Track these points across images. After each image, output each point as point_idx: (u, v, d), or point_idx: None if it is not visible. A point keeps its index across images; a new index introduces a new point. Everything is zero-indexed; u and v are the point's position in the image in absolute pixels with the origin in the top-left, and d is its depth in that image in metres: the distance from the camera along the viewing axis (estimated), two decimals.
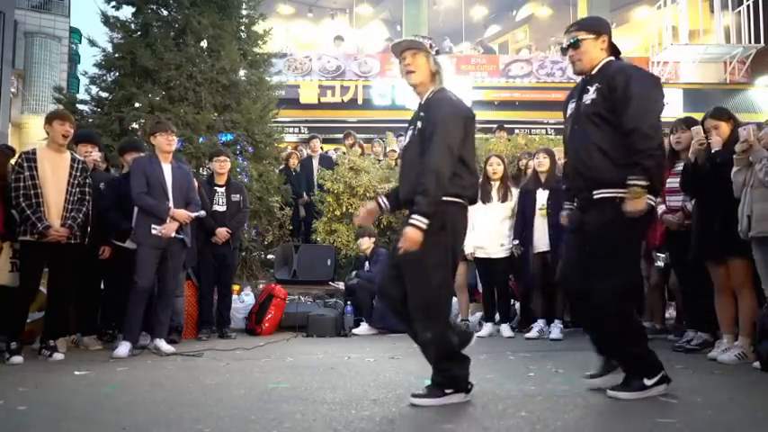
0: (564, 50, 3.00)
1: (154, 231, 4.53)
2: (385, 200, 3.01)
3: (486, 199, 5.41)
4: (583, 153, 2.87)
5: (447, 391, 2.74)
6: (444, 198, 2.67)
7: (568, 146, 3.03)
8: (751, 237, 3.67)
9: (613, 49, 2.98)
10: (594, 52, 2.92)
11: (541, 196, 5.30)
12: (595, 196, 2.82)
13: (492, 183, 5.52)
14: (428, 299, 2.71)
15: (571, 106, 3.02)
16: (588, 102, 2.86)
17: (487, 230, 5.40)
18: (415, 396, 2.75)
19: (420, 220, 2.59)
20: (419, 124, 2.80)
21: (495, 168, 5.51)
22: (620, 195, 2.73)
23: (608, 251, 2.79)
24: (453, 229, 2.75)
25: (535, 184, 5.35)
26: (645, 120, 2.71)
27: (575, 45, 2.93)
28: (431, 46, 2.85)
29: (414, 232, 2.59)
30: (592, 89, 2.87)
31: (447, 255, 2.73)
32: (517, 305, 6.06)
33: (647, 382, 2.81)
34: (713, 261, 4.02)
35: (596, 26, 2.99)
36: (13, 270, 4.42)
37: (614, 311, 2.82)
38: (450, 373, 2.77)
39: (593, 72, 2.93)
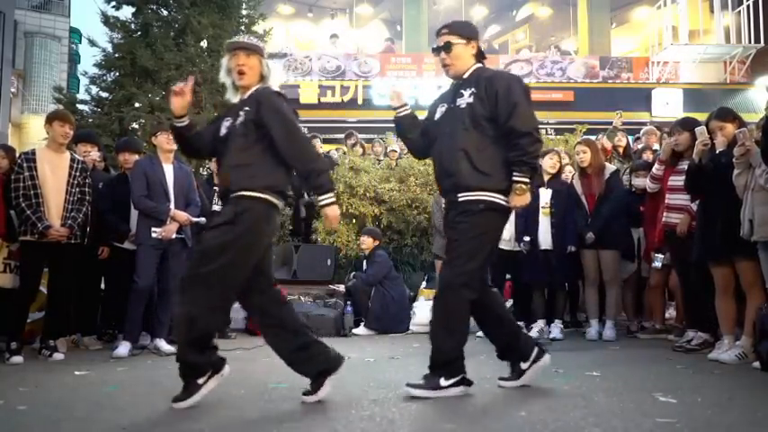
0: (435, 51, 3.03)
1: (154, 234, 4.53)
2: None
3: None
4: (450, 157, 2.92)
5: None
6: (252, 194, 2.69)
7: (436, 149, 3.06)
8: (754, 241, 3.66)
9: (481, 55, 3.04)
10: (466, 57, 2.98)
11: (545, 195, 5.31)
12: (460, 199, 2.89)
13: None
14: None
15: (441, 110, 3.05)
16: (464, 105, 2.91)
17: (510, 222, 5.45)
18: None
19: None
20: (242, 115, 2.77)
21: None
22: (480, 199, 2.85)
23: (463, 248, 2.87)
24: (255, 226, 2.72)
25: (538, 182, 5.36)
26: (533, 124, 2.85)
27: (446, 49, 2.97)
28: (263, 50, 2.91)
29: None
30: (467, 94, 2.91)
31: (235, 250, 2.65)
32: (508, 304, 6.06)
33: (443, 382, 2.83)
34: (716, 262, 4.01)
35: (467, 32, 3.03)
36: (6, 271, 4.42)
37: (454, 297, 2.86)
38: (188, 360, 2.70)
39: (465, 77, 2.98)
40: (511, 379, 3.11)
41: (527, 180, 2.83)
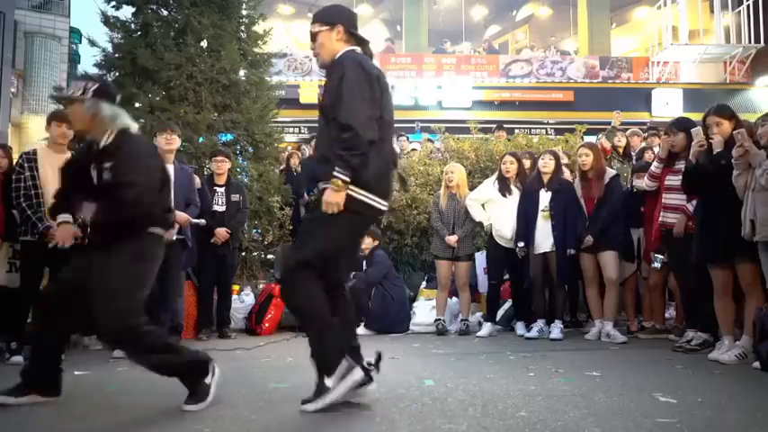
0: (312, 41, 2.92)
1: None
2: None
3: (507, 192, 5.58)
4: (321, 146, 2.85)
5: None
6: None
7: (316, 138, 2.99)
8: (756, 241, 3.66)
9: (357, 39, 2.85)
10: (331, 44, 2.81)
11: (544, 197, 5.31)
12: (320, 186, 2.75)
13: (509, 179, 5.64)
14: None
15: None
16: (323, 95, 2.80)
17: (511, 220, 5.49)
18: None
19: None
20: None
21: (509, 167, 5.63)
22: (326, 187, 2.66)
23: (308, 233, 2.77)
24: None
25: (538, 185, 5.37)
26: (356, 117, 2.60)
27: (312, 38, 2.86)
28: (84, 91, 2.82)
29: None
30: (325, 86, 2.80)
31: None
32: (507, 304, 6.06)
33: (328, 381, 2.63)
34: (715, 264, 4.01)
35: (329, 16, 2.86)
36: (11, 270, 4.42)
37: (292, 282, 2.72)
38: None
39: (329, 64, 2.82)
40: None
41: (343, 178, 2.57)
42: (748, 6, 13.11)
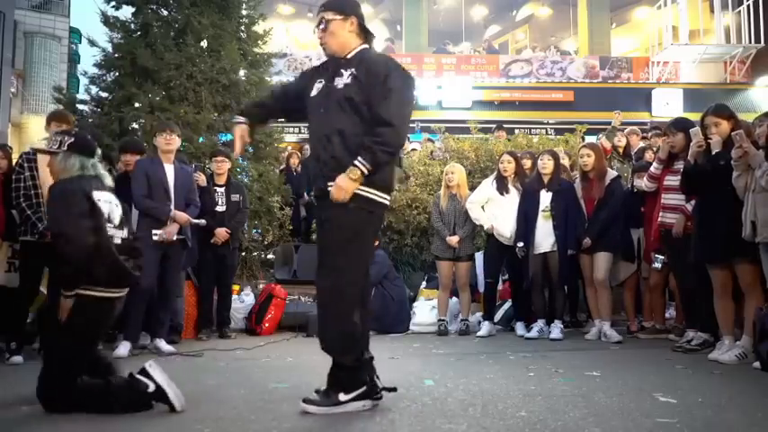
0: (316, 28, 2.84)
1: (155, 237, 4.53)
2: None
3: (504, 190, 5.59)
4: (325, 139, 2.68)
5: None
6: None
7: (311, 129, 2.82)
8: (757, 242, 3.66)
9: (366, 34, 2.83)
10: (343, 34, 2.77)
11: (545, 198, 5.31)
12: (329, 187, 2.62)
13: (507, 178, 5.64)
14: None
15: (318, 86, 2.80)
16: (341, 86, 2.68)
17: (510, 219, 5.50)
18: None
19: None
20: None
21: (506, 167, 5.64)
22: (358, 193, 2.60)
23: (336, 245, 2.64)
24: None
25: (539, 185, 5.37)
26: (400, 115, 2.62)
27: (322, 26, 2.79)
28: (60, 145, 2.91)
29: None
30: (346, 74, 2.69)
31: None
32: (507, 304, 6.07)
33: (343, 397, 2.61)
34: (714, 264, 4.01)
35: (344, 6, 2.80)
36: (10, 270, 4.42)
37: (333, 312, 2.64)
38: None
39: (349, 56, 2.76)
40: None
41: (363, 170, 2.54)
42: (748, 6, 13.11)
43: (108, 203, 2.89)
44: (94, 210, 2.79)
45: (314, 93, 2.81)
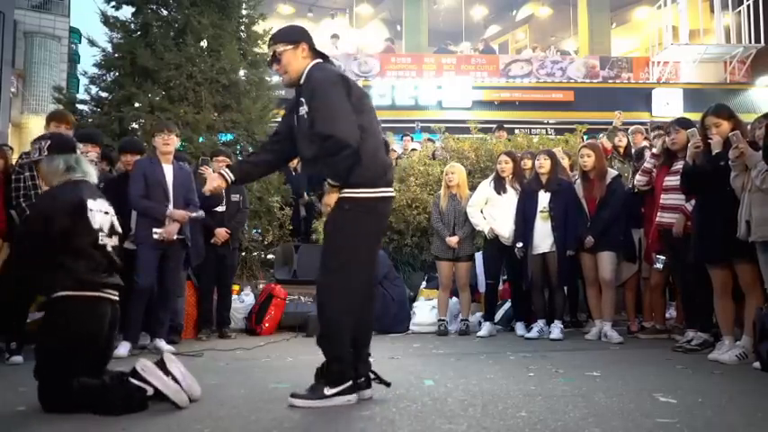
0: (270, 64, 2.95)
1: (155, 236, 4.53)
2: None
3: (502, 190, 5.60)
4: (311, 165, 2.95)
5: None
6: None
7: (300, 155, 3.02)
8: (752, 241, 3.66)
9: (318, 54, 2.92)
10: (297, 62, 2.86)
11: (543, 198, 5.31)
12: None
13: (505, 178, 5.65)
14: None
15: (296, 116, 2.90)
16: (303, 115, 2.80)
17: (508, 219, 5.51)
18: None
19: None
20: None
21: (504, 167, 5.65)
22: (345, 196, 2.77)
23: (334, 248, 2.83)
24: None
25: (537, 186, 5.37)
26: (331, 122, 2.67)
27: (276, 60, 2.88)
28: (40, 152, 2.99)
29: None
30: (303, 101, 2.81)
31: None
32: (507, 304, 6.06)
33: (328, 391, 2.71)
34: (714, 264, 4.01)
35: (291, 35, 2.90)
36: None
37: (326, 304, 2.78)
38: None
39: (302, 82, 2.86)
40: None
41: (334, 183, 2.79)
42: (748, 6, 13.12)
43: (98, 213, 2.92)
44: (82, 219, 2.82)
45: (295, 123, 2.91)
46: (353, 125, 2.71)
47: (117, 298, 2.94)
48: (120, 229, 3.07)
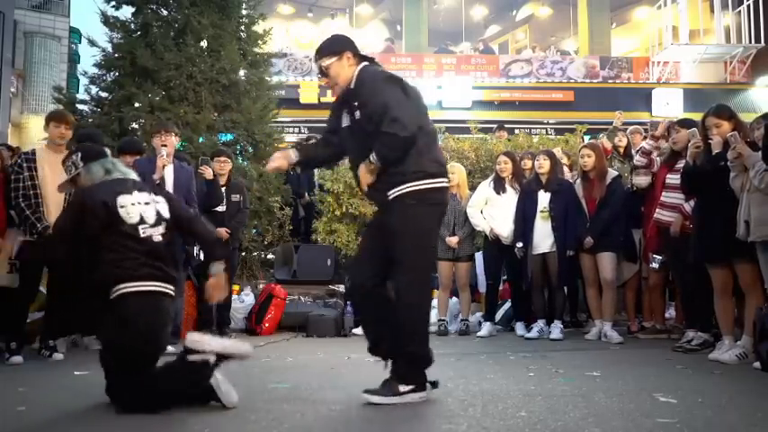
0: (320, 79, 2.99)
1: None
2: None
3: (501, 190, 5.61)
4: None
5: None
6: None
7: (350, 155, 3.04)
8: (751, 241, 3.66)
9: (363, 58, 2.96)
10: (344, 72, 2.90)
11: (543, 198, 5.31)
12: (390, 197, 2.82)
13: (504, 178, 5.67)
14: None
15: (345, 117, 2.95)
16: (359, 117, 2.84)
17: (508, 219, 5.52)
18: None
19: None
20: None
21: (503, 167, 5.66)
22: (408, 190, 2.78)
23: (415, 246, 2.81)
24: None
25: (536, 186, 5.37)
26: (400, 110, 2.71)
27: (324, 74, 2.93)
28: (76, 166, 3.00)
29: None
30: (357, 105, 2.85)
31: None
32: (507, 304, 6.07)
33: (402, 388, 2.72)
34: (714, 264, 4.01)
35: (333, 47, 2.94)
36: (12, 271, 4.41)
37: (416, 303, 2.81)
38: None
39: (352, 86, 2.90)
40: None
41: (376, 164, 2.78)
42: (748, 6, 13.10)
43: (137, 205, 2.84)
44: (113, 217, 2.78)
45: (344, 123, 2.96)
46: (415, 111, 2.79)
47: (172, 292, 2.86)
48: (167, 214, 2.94)
